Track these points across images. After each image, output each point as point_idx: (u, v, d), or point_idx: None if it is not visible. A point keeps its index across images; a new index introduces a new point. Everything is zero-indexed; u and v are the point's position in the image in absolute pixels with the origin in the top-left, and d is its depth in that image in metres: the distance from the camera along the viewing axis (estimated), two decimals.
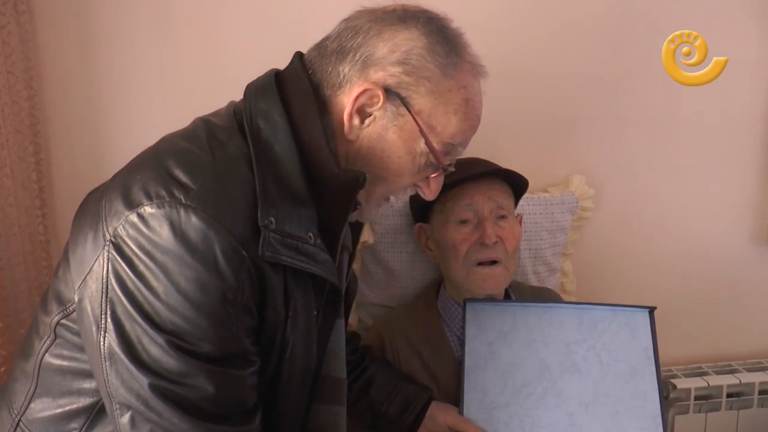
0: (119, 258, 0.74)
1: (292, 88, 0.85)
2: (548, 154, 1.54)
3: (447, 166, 0.89)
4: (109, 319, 0.74)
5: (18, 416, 0.86)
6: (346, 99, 0.83)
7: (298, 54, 0.90)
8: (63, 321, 0.82)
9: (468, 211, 1.25)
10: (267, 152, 0.81)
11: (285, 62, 0.91)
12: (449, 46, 0.84)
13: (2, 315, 1.25)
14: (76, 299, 0.78)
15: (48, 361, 0.84)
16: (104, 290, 0.74)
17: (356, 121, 0.84)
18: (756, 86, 1.58)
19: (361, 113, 0.84)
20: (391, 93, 0.83)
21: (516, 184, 1.30)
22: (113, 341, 0.74)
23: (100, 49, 1.34)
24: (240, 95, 0.89)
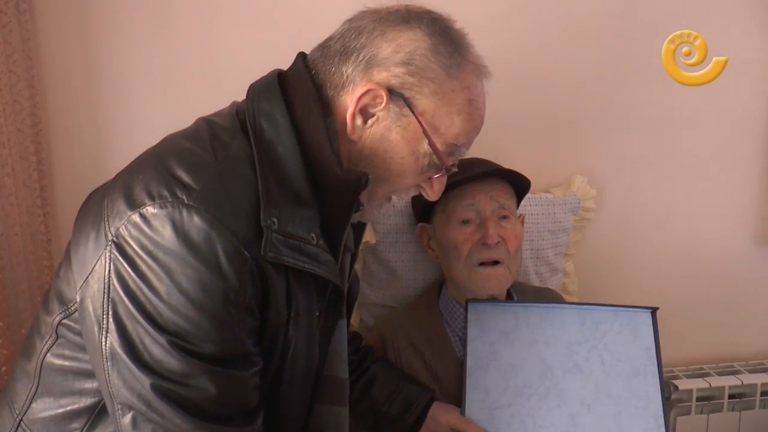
0: (121, 258, 0.73)
1: (295, 89, 0.84)
2: (550, 155, 1.54)
3: (450, 167, 0.89)
4: (111, 320, 0.74)
5: (19, 416, 0.86)
6: (350, 99, 0.83)
7: (301, 54, 0.90)
8: (65, 321, 0.82)
9: (470, 212, 1.24)
10: (270, 153, 0.81)
11: (287, 63, 0.90)
12: (453, 47, 0.84)
13: (3, 314, 1.25)
14: (78, 299, 0.78)
15: (49, 361, 0.84)
16: (106, 290, 0.74)
17: (359, 122, 0.83)
18: (757, 87, 1.58)
19: (364, 113, 0.83)
20: (395, 93, 0.82)
21: (518, 185, 1.30)
22: (115, 341, 0.74)
23: (102, 49, 1.34)
24: (241, 96, 0.89)
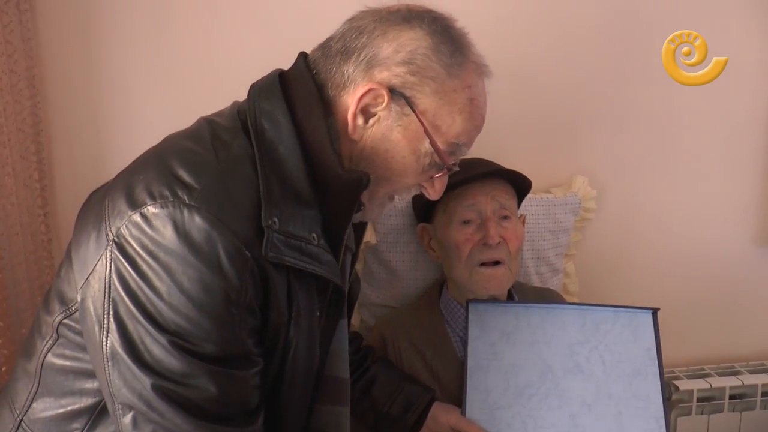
0: (122, 258, 0.73)
1: (297, 89, 0.84)
2: (551, 155, 1.53)
3: (451, 166, 0.89)
4: (112, 319, 0.74)
5: (20, 416, 0.85)
6: (351, 99, 0.83)
7: (302, 54, 0.89)
8: (65, 321, 0.82)
9: (471, 212, 1.24)
10: (271, 152, 0.80)
11: (287, 62, 0.90)
12: (454, 46, 0.84)
13: (3, 314, 1.25)
14: (79, 299, 0.78)
15: (50, 361, 0.84)
16: (107, 290, 0.74)
17: (360, 121, 0.83)
18: (757, 87, 1.58)
19: (366, 113, 0.83)
20: (396, 93, 0.82)
21: (519, 185, 1.30)
22: (116, 341, 0.74)
23: (102, 48, 1.34)
24: (241, 96, 0.89)
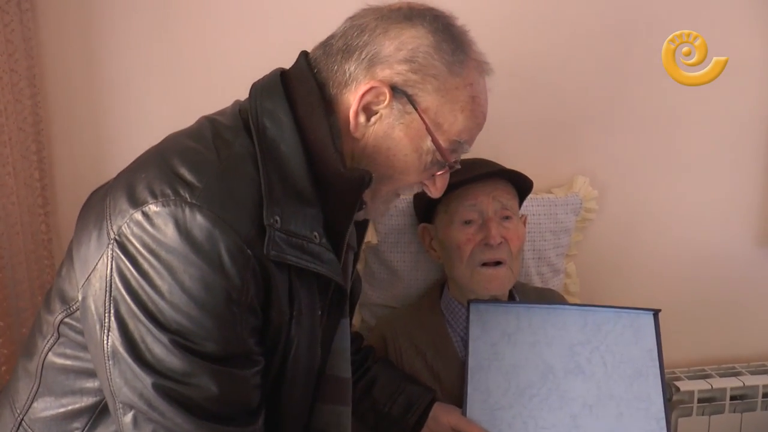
0: (123, 256, 0.73)
1: (298, 87, 0.84)
2: (552, 155, 1.53)
3: (453, 164, 0.89)
4: (113, 318, 0.74)
5: (20, 415, 0.85)
6: (352, 97, 0.83)
7: (304, 53, 0.89)
8: (66, 320, 0.82)
9: (472, 212, 1.24)
10: (272, 151, 0.80)
11: (288, 62, 0.90)
12: (455, 44, 0.84)
13: (4, 314, 1.24)
14: (80, 298, 0.78)
15: (51, 360, 0.84)
16: (108, 289, 0.74)
17: (362, 119, 0.83)
18: (758, 87, 1.58)
19: (367, 111, 0.83)
20: (398, 91, 0.82)
21: (520, 185, 1.30)
22: (117, 340, 0.73)
23: (103, 48, 1.33)
24: (241, 95, 0.89)
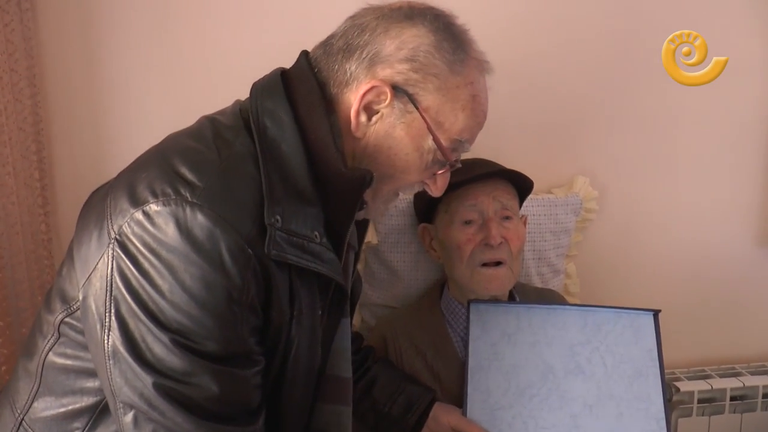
0: (124, 256, 0.73)
1: (299, 87, 0.84)
2: (552, 156, 1.53)
3: (454, 162, 0.89)
4: (113, 318, 0.74)
5: (21, 415, 0.85)
6: (353, 97, 0.83)
7: (304, 53, 0.89)
8: (67, 319, 0.82)
9: (473, 212, 1.24)
10: (273, 150, 0.80)
11: (287, 61, 0.90)
12: (456, 43, 0.84)
13: (3, 314, 1.24)
14: (81, 297, 0.78)
15: (51, 360, 0.84)
16: (109, 288, 0.74)
17: (363, 119, 0.83)
18: (758, 87, 1.58)
19: (369, 110, 0.83)
20: (399, 90, 0.82)
21: (521, 185, 1.30)
22: (117, 340, 0.73)
23: (103, 47, 1.33)
24: (241, 94, 0.89)
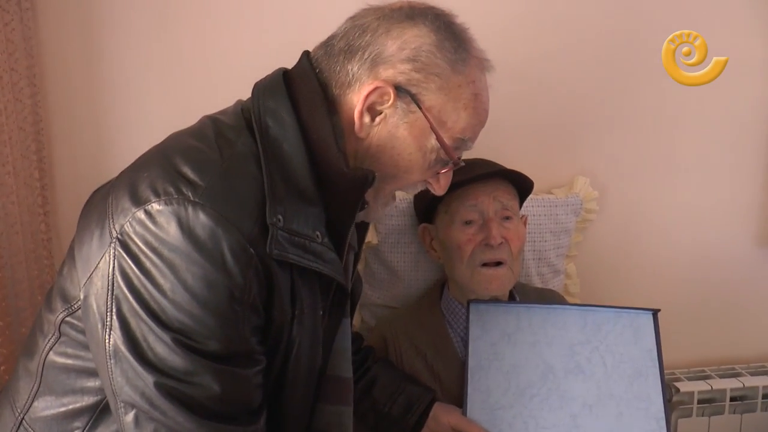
0: (125, 255, 0.73)
1: (301, 87, 0.84)
2: (552, 156, 1.53)
3: (457, 161, 0.89)
4: (115, 317, 0.73)
5: (21, 415, 0.85)
6: (356, 98, 0.83)
7: (306, 53, 0.89)
8: (68, 319, 0.82)
9: (473, 212, 1.24)
10: (275, 150, 0.80)
11: (287, 61, 0.90)
12: (457, 42, 0.84)
13: (3, 314, 1.24)
14: (82, 296, 0.77)
15: (52, 360, 0.83)
16: (110, 287, 0.74)
17: (367, 119, 0.83)
18: (758, 87, 1.58)
19: (372, 111, 0.83)
20: (402, 90, 0.82)
21: (521, 185, 1.30)
22: (118, 339, 0.73)
23: (103, 47, 1.33)
24: (241, 94, 0.89)
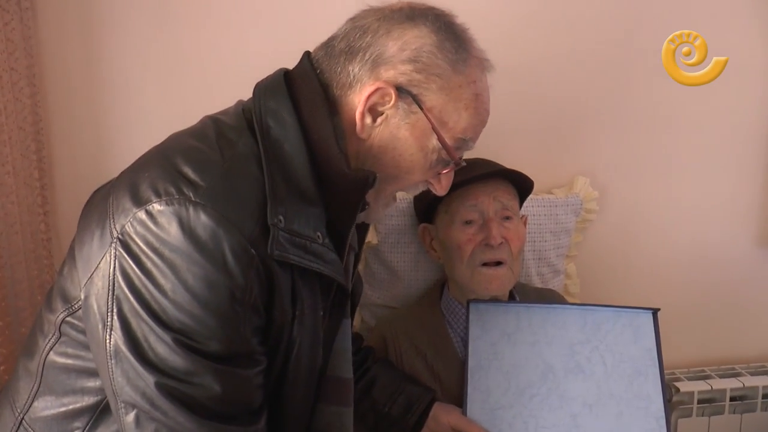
0: (126, 255, 0.73)
1: (302, 88, 0.84)
2: (553, 156, 1.53)
3: (459, 161, 0.89)
4: (116, 317, 0.73)
5: (21, 415, 0.85)
6: (357, 98, 0.83)
7: (307, 53, 0.89)
8: (68, 319, 0.82)
9: (473, 212, 1.24)
10: (276, 151, 0.80)
11: (287, 61, 0.90)
12: (458, 42, 0.84)
13: (3, 314, 1.24)
14: (82, 297, 0.77)
15: (52, 360, 0.83)
16: (111, 287, 0.74)
17: (368, 120, 0.83)
18: (758, 87, 1.58)
19: (373, 112, 0.83)
20: (403, 91, 0.82)
21: (521, 185, 1.30)
22: (119, 339, 0.73)
23: (103, 47, 1.33)
24: (241, 95, 0.89)
